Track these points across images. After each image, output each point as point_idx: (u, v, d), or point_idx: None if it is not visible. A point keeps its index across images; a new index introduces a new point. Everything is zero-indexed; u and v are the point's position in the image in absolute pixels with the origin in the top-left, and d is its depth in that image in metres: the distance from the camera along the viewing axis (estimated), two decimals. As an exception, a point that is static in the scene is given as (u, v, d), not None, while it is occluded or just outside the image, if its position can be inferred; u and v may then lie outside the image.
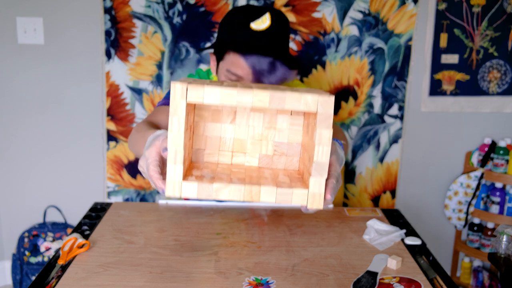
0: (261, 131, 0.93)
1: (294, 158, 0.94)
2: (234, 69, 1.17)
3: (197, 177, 0.81)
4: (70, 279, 1.12)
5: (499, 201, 2.27)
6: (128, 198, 2.36)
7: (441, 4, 2.21)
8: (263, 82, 1.13)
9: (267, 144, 0.94)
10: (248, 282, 1.13)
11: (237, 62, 1.16)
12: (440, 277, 1.17)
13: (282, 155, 0.95)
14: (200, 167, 0.90)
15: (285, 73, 1.12)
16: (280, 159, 0.95)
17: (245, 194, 0.77)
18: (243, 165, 0.95)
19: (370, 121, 2.32)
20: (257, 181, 0.82)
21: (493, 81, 2.32)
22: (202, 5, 2.17)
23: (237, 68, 1.16)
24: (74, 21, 2.19)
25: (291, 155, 0.94)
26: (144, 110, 2.26)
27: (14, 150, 2.32)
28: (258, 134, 0.93)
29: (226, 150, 0.94)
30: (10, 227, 2.40)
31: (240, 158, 0.94)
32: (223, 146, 0.94)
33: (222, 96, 0.74)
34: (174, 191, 0.77)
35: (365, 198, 2.42)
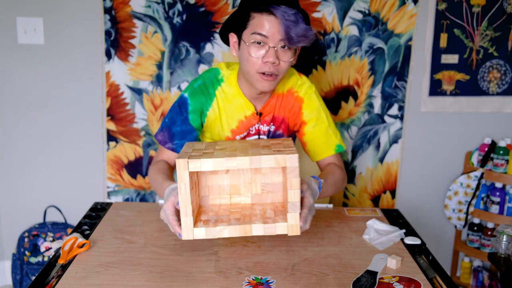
0: (250, 176, 1.18)
1: (278, 193, 1.20)
2: (260, 29, 1.24)
3: (204, 222, 1.08)
4: (70, 278, 1.12)
5: (499, 201, 2.27)
6: (128, 198, 2.37)
7: (441, 4, 2.21)
8: (291, 34, 1.21)
9: (256, 185, 1.19)
10: (248, 281, 1.13)
11: (262, 22, 1.24)
12: (439, 277, 1.17)
13: (268, 192, 1.20)
14: (206, 211, 1.16)
15: (306, 28, 1.22)
16: (267, 196, 1.21)
17: (241, 231, 1.04)
18: (239, 203, 1.20)
19: (370, 121, 2.32)
20: (250, 219, 1.08)
21: (493, 81, 2.32)
22: (202, 5, 2.17)
23: (262, 28, 1.24)
24: (74, 21, 2.19)
25: (275, 191, 1.20)
26: (144, 110, 2.26)
27: (14, 150, 2.32)
28: (248, 178, 1.19)
29: (225, 194, 1.20)
30: (10, 227, 2.40)
31: (237, 198, 1.20)
32: (222, 191, 1.20)
33: (214, 164, 1.00)
34: (188, 235, 1.05)
35: (365, 198, 2.42)
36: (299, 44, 1.25)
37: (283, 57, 1.27)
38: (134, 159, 2.32)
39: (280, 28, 1.22)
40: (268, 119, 1.44)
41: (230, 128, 1.42)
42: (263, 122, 1.44)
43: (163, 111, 2.26)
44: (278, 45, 1.26)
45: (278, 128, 1.46)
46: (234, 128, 1.42)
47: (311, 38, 1.25)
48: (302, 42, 1.25)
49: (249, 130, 1.44)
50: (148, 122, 2.28)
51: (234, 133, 1.43)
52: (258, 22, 1.24)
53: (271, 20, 1.23)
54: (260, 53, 1.27)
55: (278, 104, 1.43)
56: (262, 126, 1.44)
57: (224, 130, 1.43)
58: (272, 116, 1.44)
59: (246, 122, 1.42)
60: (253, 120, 1.42)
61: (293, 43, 1.25)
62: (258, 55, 1.27)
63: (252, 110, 1.41)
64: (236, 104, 1.40)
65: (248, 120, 1.42)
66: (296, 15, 1.21)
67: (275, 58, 1.25)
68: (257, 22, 1.25)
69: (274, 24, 1.23)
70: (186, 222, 1.05)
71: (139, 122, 2.28)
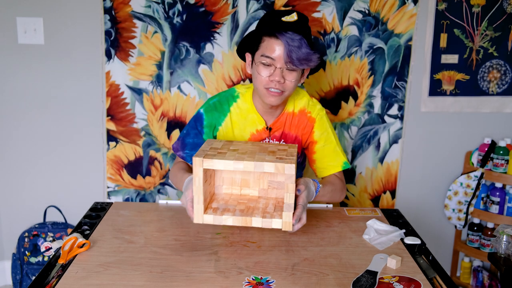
0: (259, 173, 1.34)
1: (282, 190, 1.34)
2: (268, 52, 1.40)
3: (213, 209, 1.25)
4: (71, 278, 1.12)
5: (499, 201, 2.27)
6: (128, 198, 2.37)
7: (441, 4, 2.21)
8: (293, 58, 1.37)
9: (264, 181, 1.35)
10: (248, 281, 1.13)
11: (271, 46, 1.40)
12: (439, 277, 1.17)
13: (274, 189, 1.35)
14: (218, 199, 1.33)
15: (308, 53, 1.38)
16: (272, 191, 1.35)
17: (242, 222, 1.22)
18: (248, 195, 1.36)
19: (370, 121, 2.32)
20: (252, 212, 1.24)
21: (493, 81, 2.32)
22: (202, 5, 2.17)
23: (270, 51, 1.40)
24: (74, 21, 2.19)
25: (280, 188, 1.34)
26: (144, 110, 2.26)
27: (14, 150, 2.32)
28: (258, 174, 1.34)
29: (236, 186, 1.36)
30: (10, 227, 2.40)
31: (246, 190, 1.36)
32: (234, 183, 1.36)
33: (224, 165, 1.18)
34: (198, 219, 1.23)
35: (365, 198, 2.42)
36: (301, 66, 1.40)
37: (288, 76, 1.43)
38: (134, 159, 2.32)
39: (284, 52, 1.38)
40: (278, 134, 1.58)
41: (243, 140, 1.57)
42: (272, 137, 1.58)
43: (163, 111, 2.26)
44: (284, 66, 1.41)
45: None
46: (246, 140, 1.57)
47: (314, 61, 1.40)
48: (304, 65, 1.40)
49: None
50: (148, 122, 2.28)
51: None
52: (267, 45, 1.41)
53: (278, 44, 1.39)
54: (267, 72, 1.42)
55: (289, 122, 1.58)
56: (272, 141, 1.58)
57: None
58: (282, 133, 1.58)
59: (257, 135, 1.57)
60: (264, 134, 1.57)
61: (296, 65, 1.39)
62: (265, 74, 1.43)
63: (263, 125, 1.56)
64: (250, 119, 1.56)
65: (259, 134, 1.57)
66: (300, 40, 1.36)
67: (281, 78, 1.41)
68: (266, 45, 1.41)
69: (280, 48, 1.39)
70: (197, 209, 1.22)
71: (139, 122, 2.28)
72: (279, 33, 1.37)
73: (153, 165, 2.32)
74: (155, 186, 2.35)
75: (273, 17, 1.41)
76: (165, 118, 2.28)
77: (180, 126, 2.28)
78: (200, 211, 1.23)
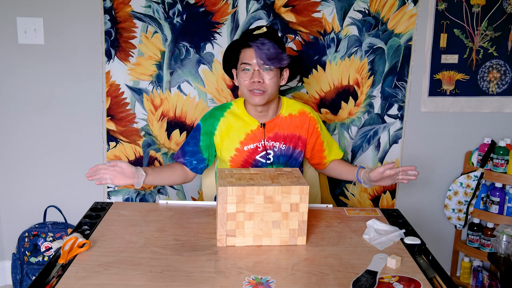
0: None
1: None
2: (246, 59, 1.63)
3: None
4: (71, 278, 1.13)
5: (499, 201, 2.27)
6: (128, 198, 2.37)
7: (441, 4, 2.21)
8: (263, 58, 1.58)
9: None
10: (248, 281, 1.13)
11: (247, 54, 1.63)
12: (439, 277, 1.17)
13: None
14: None
15: (277, 52, 1.59)
16: None
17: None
18: None
19: (370, 121, 2.32)
20: None
21: (493, 81, 2.32)
22: (202, 5, 2.17)
23: (247, 58, 1.63)
24: (74, 21, 2.19)
25: None
26: (144, 110, 2.26)
27: (15, 150, 2.32)
28: None
29: None
30: (10, 227, 2.40)
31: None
32: None
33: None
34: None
35: (365, 198, 2.42)
36: (274, 64, 1.61)
37: (266, 76, 1.62)
38: (134, 159, 2.32)
39: (256, 55, 1.61)
40: (272, 135, 1.72)
41: (239, 140, 1.71)
42: (268, 139, 1.72)
43: (163, 111, 2.26)
44: (260, 68, 1.62)
45: (295, 145, 1.75)
46: (242, 140, 1.71)
47: (285, 59, 1.62)
48: (276, 63, 1.61)
49: (256, 146, 1.72)
50: (148, 122, 2.28)
51: (242, 144, 1.72)
52: (244, 55, 1.65)
53: (251, 51, 1.62)
54: (247, 76, 1.63)
55: (287, 124, 1.74)
56: (268, 143, 1.72)
57: (234, 141, 1.72)
58: (282, 135, 1.73)
59: (252, 135, 1.71)
60: (258, 133, 1.72)
61: (268, 64, 1.61)
62: (246, 77, 1.64)
63: (257, 124, 1.72)
64: (243, 121, 1.73)
65: (253, 133, 1.72)
66: (269, 43, 1.59)
67: (260, 78, 1.61)
68: (243, 55, 1.65)
69: (253, 54, 1.62)
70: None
71: (139, 122, 2.28)
72: (251, 42, 1.61)
73: (153, 165, 2.32)
74: (155, 186, 2.35)
75: (246, 33, 1.67)
76: (165, 118, 2.28)
77: (180, 126, 2.28)
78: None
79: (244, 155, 1.72)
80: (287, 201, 1.30)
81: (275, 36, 1.66)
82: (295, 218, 1.31)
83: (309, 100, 2.28)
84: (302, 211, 1.31)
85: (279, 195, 1.29)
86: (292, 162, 1.75)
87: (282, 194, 1.29)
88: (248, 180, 1.33)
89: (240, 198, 1.28)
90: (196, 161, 1.74)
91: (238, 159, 1.72)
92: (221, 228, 1.30)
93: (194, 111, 2.27)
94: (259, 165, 1.73)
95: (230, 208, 1.28)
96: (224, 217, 1.29)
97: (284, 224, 1.31)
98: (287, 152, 1.74)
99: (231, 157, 1.72)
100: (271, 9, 2.17)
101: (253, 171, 1.42)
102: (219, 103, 2.25)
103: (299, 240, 1.33)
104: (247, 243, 1.31)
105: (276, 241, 1.32)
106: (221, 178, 1.34)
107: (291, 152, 1.74)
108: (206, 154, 1.75)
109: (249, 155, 1.72)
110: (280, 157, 1.73)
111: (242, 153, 1.72)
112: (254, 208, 1.30)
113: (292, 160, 1.75)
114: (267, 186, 1.29)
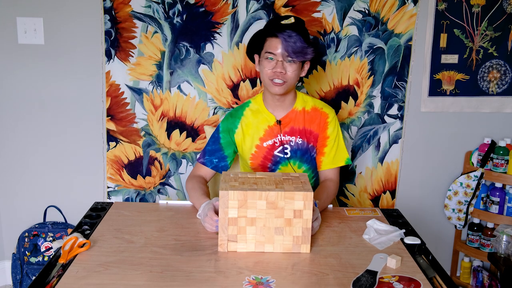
0: None
1: None
2: (271, 49, 1.64)
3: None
4: (71, 278, 1.13)
5: (499, 201, 2.27)
6: (128, 198, 2.37)
7: (441, 4, 2.21)
8: (290, 51, 1.60)
9: None
10: (248, 281, 1.13)
11: (272, 44, 1.64)
12: (439, 276, 1.17)
13: None
14: None
15: (303, 46, 1.60)
16: None
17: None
18: None
19: (370, 121, 2.32)
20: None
21: (493, 81, 2.32)
22: (202, 5, 2.17)
23: (272, 48, 1.64)
24: (74, 21, 2.19)
25: None
26: (144, 110, 2.26)
27: (15, 150, 2.32)
28: None
29: None
30: (10, 227, 2.40)
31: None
32: None
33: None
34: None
35: (365, 198, 2.42)
36: (298, 58, 1.63)
37: (288, 68, 1.65)
38: (134, 159, 2.32)
39: (282, 47, 1.62)
40: (288, 129, 1.74)
41: (259, 137, 1.75)
42: (284, 133, 1.74)
43: (163, 111, 2.26)
44: (284, 59, 1.63)
45: (309, 140, 1.76)
46: (261, 136, 1.75)
47: (309, 54, 1.63)
48: (300, 57, 1.63)
49: (274, 142, 1.74)
50: (148, 122, 2.28)
51: (262, 140, 1.75)
52: (269, 44, 1.65)
53: (277, 41, 1.63)
54: (270, 65, 1.65)
55: (301, 119, 1.75)
56: (284, 137, 1.74)
57: (254, 138, 1.75)
58: (297, 129, 1.75)
59: (269, 131, 1.75)
60: (275, 129, 1.74)
61: (293, 57, 1.62)
62: (269, 67, 1.65)
63: (274, 120, 1.75)
64: (261, 118, 1.76)
65: (270, 129, 1.75)
66: (296, 37, 1.60)
67: (282, 69, 1.63)
68: (269, 44, 1.66)
69: (279, 45, 1.63)
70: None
71: (139, 122, 2.28)
72: (278, 32, 1.62)
73: (153, 165, 2.32)
74: (155, 186, 2.35)
75: (274, 21, 1.67)
76: (165, 118, 2.28)
77: (180, 126, 2.28)
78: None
79: (263, 151, 1.75)
80: (290, 207, 1.26)
81: (302, 28, 1.67)
82: (299, 225, 1.28)
83: (309, 100, 2.28)
84: (306, 218, 1.27)
85: (282, 201, 1.26)
86: (309, 158, 1.76)
87: (285, 200, 1.26)
88: (251, 185, 1.30)
89: (242, 202, 1.26)
90: (217, 159, 1.75)
91: (258, 156, 1.75)
92: (222, 233, 1.28)
93: (194, 111, 2.27)
94: (277, 160, 1.74)
95: (231, 213, 1.27)
96: (225, 221, 1.27)
97: (287, 231, 1.28)
98: (303, 147, 1.75)
99: (252, 154, 1.75)
100: (271, 9, 2.17)
101: (258, 176, 1.39)
102: (219, 103, 2.26)
103: (303, 248, 1.29)
104: (249, 249, 1.29)
105: (279, 248, 1.29)
106: (224, 181, 1.32)
107: (306, 146, 1.76)
108: (227, 152, 1.77)
109: (268, 151, 1.75)
110: (297, 151, 1.74)
111: (262, 150, 1.75)
112: (256, 213, 1.27)
113: (308, 155, 1.76)
114: (270, 191, 1.26)
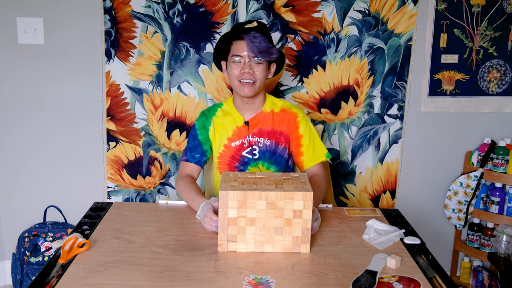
0: None
1: None
2: (237, 51, 1.68)
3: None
4: (71, 278, 1.13)
5: (499, 201, 2.27)
6: (128, 198, 2.37)
7: (441, 4, 2.21)
8: (255, 51, 1.64)
9: None
10: (248, 281, 1.13)
11: (239, 46, 1.68)
12: (439, 276, 1.17)
13: None
14: None
15: (268, 46, 1.65)
16: None
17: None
18: None
19: (370, 121, 2.32)
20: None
21: (493, 81, 2.32)
22: (202, 5, 2.17)
23: (239, 50, 1.68)
24: (74, 21, 2.19)
25: None
26: (144, 110, 2.26)
27: (14, 150, 2.32)
28: None
29: None
30: (10, 227, 2.40)
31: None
32: None
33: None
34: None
35: (365, 198, 2.42)
36: (264, 58, 1.67)
37: (256, 68, 1.69)
38: (134, 159, 2.32)
39: (248, 48, 1.67)
40: (256, 131, 1.77)
41: (227, 136, 1.78)
42: (252, 134, 1.76)
43: (163, 111, 2.26)
44: (251, 60, 1.68)
45: (278, 141, 1.77)
46: (230, 136, 1.77)
47: (275, 53, 1.68)
48: (266, 57, 1.67)
49: (242, 142, 1.76)
50: (148, 122, 2.28)
51: (230, 140, 1.77)
52: (235, 46, 1.70)
53: (243, 43, 1.68)
54: (238, 67, 1.69)
55: (270, 120, 1.77)
56: (253, 138, 1.76)
57: (222, 138, 1.78)
58: (266, 130, 1.77)
59: (237, 131, 1.77)
60: (243, 130, 1.77)
61: (259, 57, 1.67)
62: (237, 69, 1.69)
63: (242, 121, 1.77)
64: (231, 118, 1.79)
65: (239, 130, 1.77)
66: (260, 37, 1.65)
67: (250, 69, 1.68)
68: (235, 47, 1.70)
69: (245, 46, 1.68)
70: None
71: (139, 122, 2.28)
72: (244, 34, 1.67)
73: (153, 165, 2.33)
74: (155, 186, 2.35)
75: (238, 26, 1.72)
76: (165, 118, 2.28)
77: (180, 126, 2.28)
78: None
79: (231, 151, 1.76)
80: (290, 207, 1.26)
81: (265, 31, 1.72)
82: (299, 225, 1.27)
83: (309, 100, 2.28)
84: (305, 218, 1.27)
85: (281, 201, 1.26)
86: (278, 159, 1.77)
87: (285, 200, 1.26)
88: (251, 185, 1.30)
89: (242, 202, 1.26)
90: (199, 154, 1.77)
91: (226, 155, 1.77)
92: (222, 233, 1.28)
93: (194, 111, 2.27)
94: (246, 161, 1.76)
95: (231, 213, 1.27)
96: (225, 221, 1.27)
97: (287, 231, 1.28)
98: (271, 148, 1.77)
99: (220, 153, 1.77)
100: (271, 9, 2.17)
101: (258, 176, 1.39)
102: (219, 103, 2.26)
103: (303, 248, 1.29)
104: (249, 249, 1.29)
105: (279, 248, 1.29)
106: (224, 182, 1.33)
107: (274, 147, 1.77)
108: (205, 147, 1.79)
109: (236, 151, 1.76)
110: (265, 152, 1.76)
111: (230, 149, 1.76)
112: (256, 213, 1.27)
113: (277, 156, 1.77)
114: (270, 191, 1.26)
